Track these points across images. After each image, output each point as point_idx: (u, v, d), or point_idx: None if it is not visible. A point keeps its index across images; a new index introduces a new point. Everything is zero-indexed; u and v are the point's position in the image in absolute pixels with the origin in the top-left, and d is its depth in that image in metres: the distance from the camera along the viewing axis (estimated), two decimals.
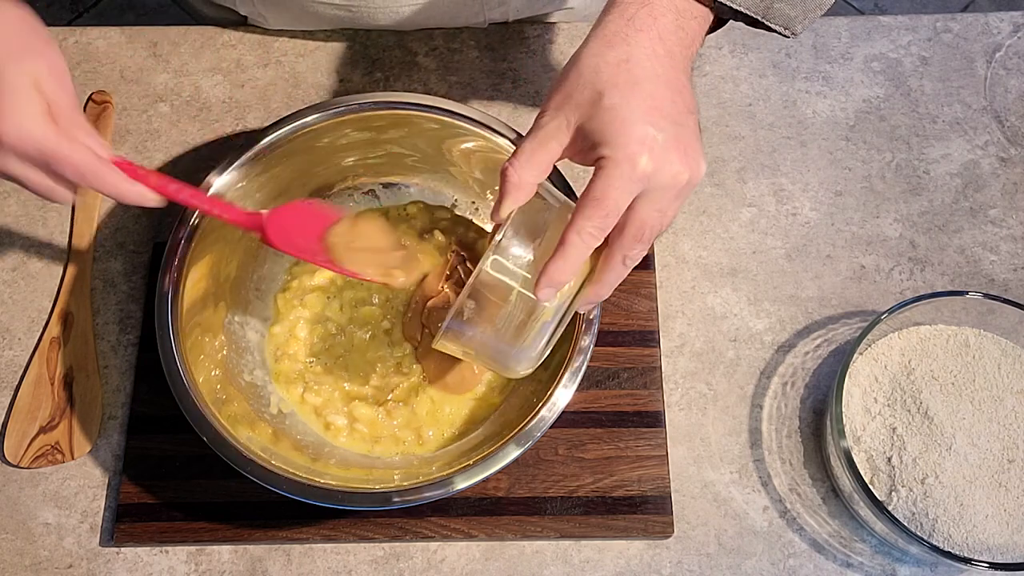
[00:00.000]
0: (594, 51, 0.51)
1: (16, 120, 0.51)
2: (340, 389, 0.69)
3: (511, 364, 0.57)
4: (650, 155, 0.49)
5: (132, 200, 0.55)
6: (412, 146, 0.71)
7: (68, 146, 0.52)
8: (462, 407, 0.68)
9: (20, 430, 0.69)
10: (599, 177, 0.49)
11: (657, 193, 0.50)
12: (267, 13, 0.82)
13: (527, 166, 0.52)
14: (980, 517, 0.62)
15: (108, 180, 0.54)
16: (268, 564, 0.66)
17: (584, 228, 0.50)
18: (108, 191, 0.54)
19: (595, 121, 0.50)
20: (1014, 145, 0.79)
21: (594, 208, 0.49)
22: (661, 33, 0.52)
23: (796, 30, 0.58)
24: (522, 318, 0.54)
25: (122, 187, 0.54)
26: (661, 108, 0.50)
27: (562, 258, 0.51)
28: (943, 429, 0.64)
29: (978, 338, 0.67)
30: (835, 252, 0.76)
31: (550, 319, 0.55)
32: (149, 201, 0.56)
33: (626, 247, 0.52)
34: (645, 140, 0.49)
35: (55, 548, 0.67)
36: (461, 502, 0.66)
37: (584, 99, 0.50)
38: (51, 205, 0.77)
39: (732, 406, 0.71)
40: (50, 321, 0.73)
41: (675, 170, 0.50)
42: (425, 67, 0.83)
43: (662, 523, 0.66)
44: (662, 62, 0.51)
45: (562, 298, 0.54)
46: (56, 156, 0.52)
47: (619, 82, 0.50)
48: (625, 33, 0.51)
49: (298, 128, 0.67)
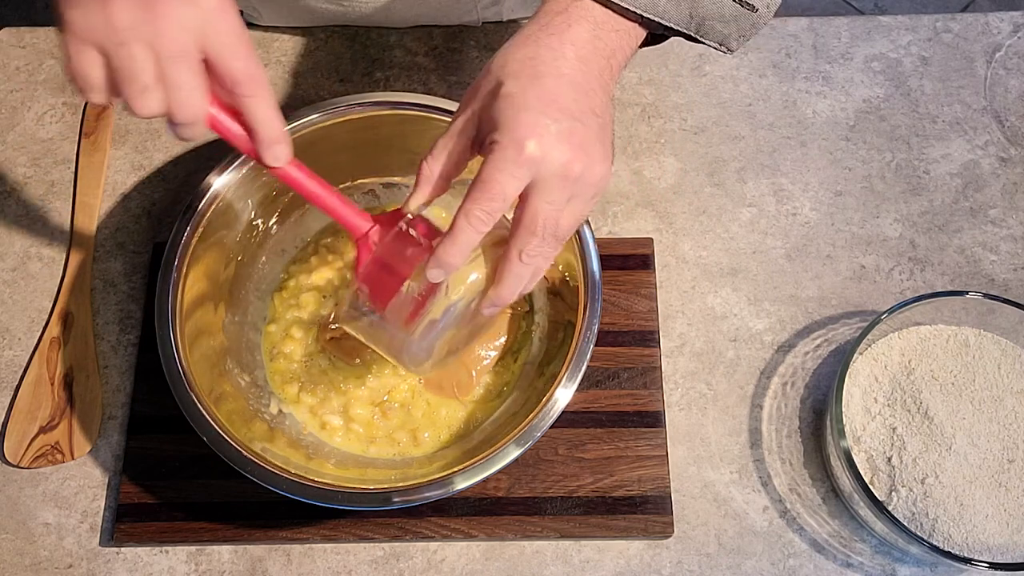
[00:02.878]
0: (505, 50, 0.52)
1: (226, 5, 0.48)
2: (336, 389, 0.69)
3: (403, 357, 0.57)
4: (538, 141, 0.48)
5: (271, 130, 0.50)
6: (412, 146, 0.71)
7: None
8: (458, 410, 0.68)
9: (20, 430, 0.69)
10: (487, 162, 0.49)
11: (547, 183, 0.49)
12: (261, 7, 0.82)
13: (438, 159, 0.53)
14: (980, 517, 0.62)
15: (269, 96, 0.50)
16: (268, 564, 0.66)
17: (471, 211, 0.49)
18: (267, 106, 0.50)
19: (492, 109, 0.50)
20: (1014, 145, 0.79)
21: (480, 191, 0.49)
22: (573, 39, 0.52)
23: (731, 47, 0.59)
24: (411, 309, 0.54)
25: (275, 108, 0.50)
26: (559, 102, 0.50)
27: (450, 240, 0.50)
28: (943, 429, 0.64)
29: (978, 338, 0.67)
30: (835, 252, 0.76)
31: (439, 317, 0.54)
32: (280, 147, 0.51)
33: (521, 241, 0.51)
34: (535, 127, 0.48)
35: (55, 548, 0.67)
36: (461, 502, 0.66)
37: (486, 90, 0.51)
38: (51, 205, 0.77)
39: (732, 406, 0.71)
40: (50, 321, 0.73)
41: (563, 159, 0.49)
42: (425, 67, 0.83)
43: (662, 523, 0.66)
44: (570, 64, 0.51)
45: (455, 296, 0.54)
46: (249, 47, 0.48)
47: (521, 74, 0.50)
48: (537, 36, 0.52)
49: (298, 128, 0.67)
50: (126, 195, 0.78)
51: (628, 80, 0.82)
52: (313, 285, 0.71)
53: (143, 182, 0.78)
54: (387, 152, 0.72)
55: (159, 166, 0.79)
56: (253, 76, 0.48)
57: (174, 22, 0.46)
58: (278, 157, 0.51)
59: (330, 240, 0.74)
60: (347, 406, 0.68)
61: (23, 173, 0.79)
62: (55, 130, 0.80)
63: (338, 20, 0.82)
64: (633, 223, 0.76)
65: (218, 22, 0.47)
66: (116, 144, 0.80)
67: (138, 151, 0.80)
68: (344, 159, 0.72)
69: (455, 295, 0.54)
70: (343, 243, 0.74)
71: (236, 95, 0.48)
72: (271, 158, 0.51)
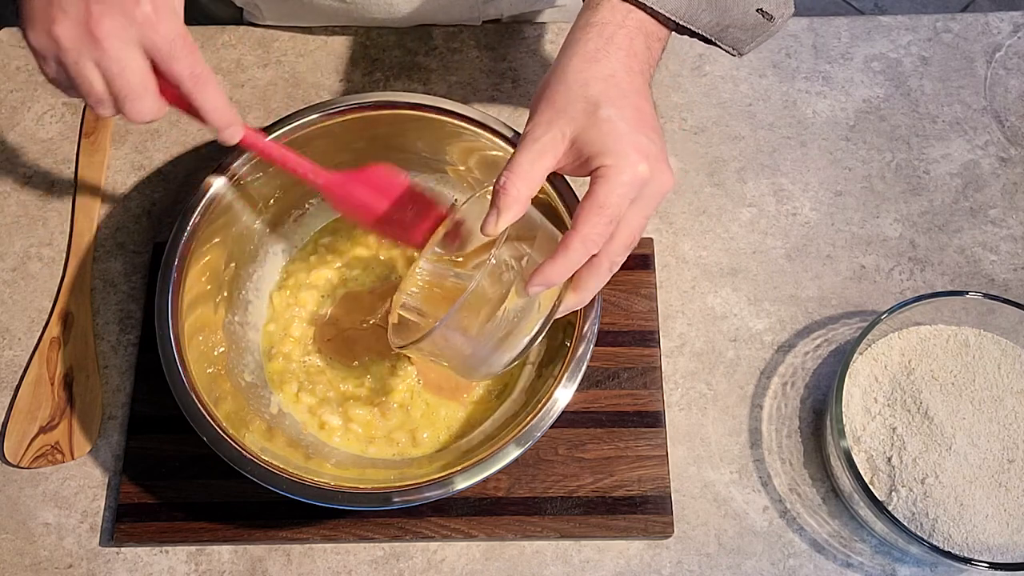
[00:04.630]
0: (579, 67, 0.53)
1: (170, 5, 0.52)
2: (335, 389, 0.69)
3: (480, 369, 0.58)
4: (647, 163, 0.51)
5: (220, 116, 0.55)
6: (412, 146, 0.71)
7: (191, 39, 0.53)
8: (458, 410, 0.68)
9: (20, 430, 0.69)
10: (601, 185, 0.51)
11: (646, 200, 0.52)
12: (263, 5, 0.82)
13: (524, 180, 0.53)
14: (980, 517, 0.62)
15: (214, 85, 0.54)
16: (268, 564, 0.66)
17: (589, 235, 0.51)
18: (212, 97, 0.54)
19: (592, 132, 0.52)
20: (1014, 145, 0.79)
21: (599, 215, 0.51)
22: (635, 53, 0.55)
23: (743, 51, 0.62)
24: (507, 328, 0.55)
25: (222, 98, 0.55)
26: (647, 120, 0.53)
27: (562, 260, 0.51)
28: (943, 429, 0.64)
29: (978, 338, 0.67)
30: (835, 252, 0.76)
31: (535, 326, 0.55)
32: (233, 129, 0.56)
33: (614, 253, 0.53)
34: (641, 148, 0.51)
35: (55, 548, 0.67)
36: (461, 502, 0.66)
37: (578, 112, 0.52)
38: (51, 205, 0.77)
39: (732, 406, 0.71)
40: (50, 321, 0.73)
41: (665, 177, 0.52)
42: (425, 67, 0.83)
43: (662, 523, 0.66)
44: (640, 79, 0.55)
45: (546, 306, 0.55)
46: (185, 39, 0.52)
47: (611, 95, 0.52)
48: (606, 51, 0.54)
49: (298, 128, 0.67)
50: (126, 195, 0.78)
51: None
52: (312, 284, 0.72)
53: (143, 182, 0.78)
54: (387, 152, 0.72)
55: (159, 166, 0.79)
56: (194, 74, 0.53)
57: (113, 39, 0.50)
58: (232, 136, 0.57)
59: (329, 239, 0.74)
60: (346, 406, 0.68)
61: (23, 173, 0.79)
62: (55, 130, 0.80)
63: (340, 19, 0.82)
64: None
65: (153, 31, 0.51)
66: (116, 144, 0.80)
67: (138, 151, 0.80)
68: (344, 159, 0.72)
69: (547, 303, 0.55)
70: (342, 242, 0.74)
71: (183, 92, 0.53)
72: (226, 138, 0.57)
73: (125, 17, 0.50)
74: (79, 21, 0.50)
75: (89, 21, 0.50)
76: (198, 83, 0.53)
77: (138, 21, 0.51)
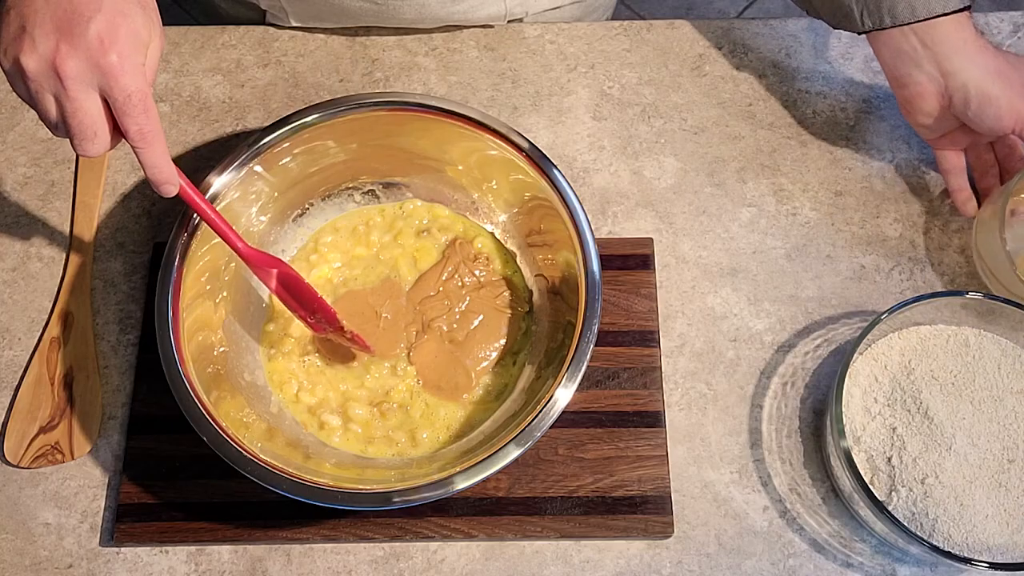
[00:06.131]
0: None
1: (128, 49, 0.52)
2: (335, 389, 0.69)
3: None
4: None
5: (158, 174, 0.57)
6: (412, 146, 0.71)
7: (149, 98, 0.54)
8: (457, 410, 0.68)
9: (20, 430, 0.69)
10: None
11: None
12: (289, 7, 0.82)
13: None
14: (980, 517, 0.62)
15: (159, 146, 0.56)
16: (268, 564, 0.66)
17: None
18: (153, 156, 0.56)
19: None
20: None
21: None
22: None
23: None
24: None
25: (164, 159, 0.56)
26: None
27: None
28: (943, 429, 0.64)
29: (978, 338, 0.67)
30: (835, 252, 0.76)
31: None
32: (168, 186, 0.58)
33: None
34: None
35: (55, 548, 0.67)
36: (461, 502, 0.66)
37: None
38: (51, 205, 0.77)
39: (732, 406, 0.71)
40: (50, 321, 0.73)
41: None
42: (425, 67, 0.83)
43: (662, 523, 0.66)
44: None
45: None
46: (142, 97, 0.53)
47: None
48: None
49: (298, 128, 0.67)
50: (126, 195, 0.78)
51: (628, 80, 0.82)
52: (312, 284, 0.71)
53: (143, 182, 0.78)
54: (387, 152, 0.72)
55: None
56: (142, 132, 0.54)
57: (74, 81, 0.52)
58: (168, 192, 0.58)
59: (331, 239, 0.74)
60: (345, 406, 0.68)
61: (23, 173, 0.79)
62: None
63: (368, 18, 0.82)
64: (633, 223, 0.76)
65: (114, 82, 0.52)
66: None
67: None
68: (344, 159, 0.72)
69: None
70: (343, 242, 0.74)
71: (131, 145, 0.55)
72: (163, 193, 0.58)
73: (90, 62, 0.51)
74: (46, 57, 0.51)
75: (56, 58, 0.51)
76: (144, 141, 0.55)
77: (102, 69, 0.52)
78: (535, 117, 0.80)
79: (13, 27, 0.52)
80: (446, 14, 0.81)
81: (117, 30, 0.52)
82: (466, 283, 0.71)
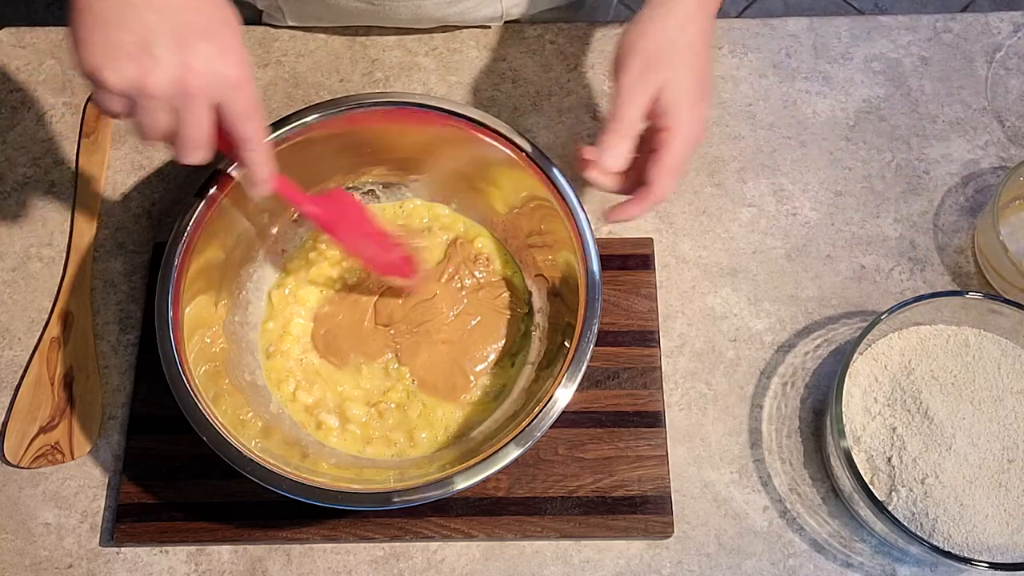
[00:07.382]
0: None
1: (238, 57, 0.53)
2: (332, 389, 0.69)
3: None
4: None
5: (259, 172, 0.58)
6: (412, 146, 0.71)
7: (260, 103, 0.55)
8: (455, 411, 0.68)
9: (20, 430, 0.69)
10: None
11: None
12: (286, 7, 0.81)
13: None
14: (980, 517, 0.62)
15: (267, 146, 0.57)
16: (268, 564, 0.66)
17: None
18: (260, 156, 0.57)
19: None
20: (1015, 145, 0.79)
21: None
22: None
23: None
24: None
25: (268, 158, 0.58)
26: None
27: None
28: (943, 429, 0.64)
29: (978, 338, 0.67)
30: (835, 252, 0.76)
31: None
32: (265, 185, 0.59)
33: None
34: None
35: (55, 548, 0.67)
36: (461, 502, 0.66)
37: None
38: (51, 205, 0.77)
39: (732, 406, 0.71)
40: (50, 321, 0.73)
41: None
42: (425, 67, 0.83)
43: (662, 523, 0.66)
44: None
45: None
46: (257, 105, 0.54)
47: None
48: None
49: (298, 128, 0.67)
50: (126, 195, 0.78)
51: None
52: (311, 283, 0.72)
53: (143, 182, 0.78)
54: (387, 152, 0.72)
55: (159, 166, 0.79)
56: (254, 138, 0.56)
57: (201, 97, 0.52)
58: (263, 192, 0.60)
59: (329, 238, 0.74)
60: (343, 406, 0.68)
61: (23, 173, 0.79)
62: (55, 130, 0.80)
63: (364, 20, 0.82)
64: (633, 223, 0.76)
65: (237, 95, 0.53)
66: (116, 144, 0.80)
67: (138, 151, 0.80)
68: (344, 159, 0.72)
69: None
70: None
71: (238, 148, 0.56)
72: (256, 194, 0.60)
73: (217, 77, 0.51)
74: (174, 76, 0.50)
75: (186, 76, 0.50)
76: (254, 144, 0.56)
77: (230, 83, 0.52)
78: (535, 117, 0.80)
79: (127, 44, 0.50)
80: (442, 15, 0.81)
81: (227, 40, 0.52)
82: (465, 284, 0.71)
